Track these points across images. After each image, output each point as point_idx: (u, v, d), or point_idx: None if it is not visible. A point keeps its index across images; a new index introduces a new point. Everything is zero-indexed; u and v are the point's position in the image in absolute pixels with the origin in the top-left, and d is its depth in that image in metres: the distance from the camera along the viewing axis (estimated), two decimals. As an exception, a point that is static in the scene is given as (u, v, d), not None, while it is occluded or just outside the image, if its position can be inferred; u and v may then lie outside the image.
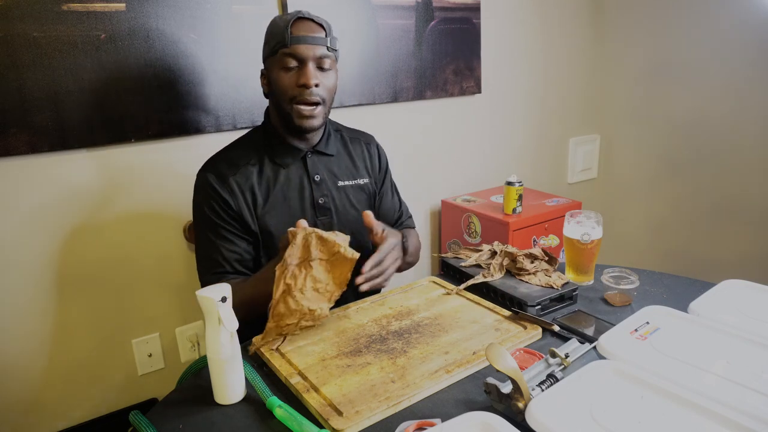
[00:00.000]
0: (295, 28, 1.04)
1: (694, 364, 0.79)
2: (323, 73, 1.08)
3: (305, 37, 1.04)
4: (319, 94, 1.07)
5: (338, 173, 1.21)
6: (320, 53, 1.06)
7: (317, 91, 1.06)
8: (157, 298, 1.55)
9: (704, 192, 2.27)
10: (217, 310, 0.77)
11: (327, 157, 1.20)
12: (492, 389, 0.74)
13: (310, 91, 1.05)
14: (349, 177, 1.22)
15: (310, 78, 1.04)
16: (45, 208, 1.35)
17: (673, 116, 2.30)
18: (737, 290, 1.03)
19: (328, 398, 0.78)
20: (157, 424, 0.75)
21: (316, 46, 1.05)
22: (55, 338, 1.42)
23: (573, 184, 2.56)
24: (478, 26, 2.01)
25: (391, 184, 1.34)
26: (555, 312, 1.04)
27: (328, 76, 1.09)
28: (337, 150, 1.22)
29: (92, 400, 1.50)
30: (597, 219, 1.14)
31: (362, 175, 1.25)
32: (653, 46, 2.31)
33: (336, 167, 1.21)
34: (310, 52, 1.05)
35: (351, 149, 1.25)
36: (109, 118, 1.37)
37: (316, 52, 1.05)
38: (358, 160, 1.25)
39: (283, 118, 1.12)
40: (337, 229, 1.19)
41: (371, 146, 1.30)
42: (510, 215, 1.83)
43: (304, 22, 1.06)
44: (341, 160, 1.23)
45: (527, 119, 2.32)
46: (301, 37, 1.04)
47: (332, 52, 1.08)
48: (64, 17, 1.27)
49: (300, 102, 1.07)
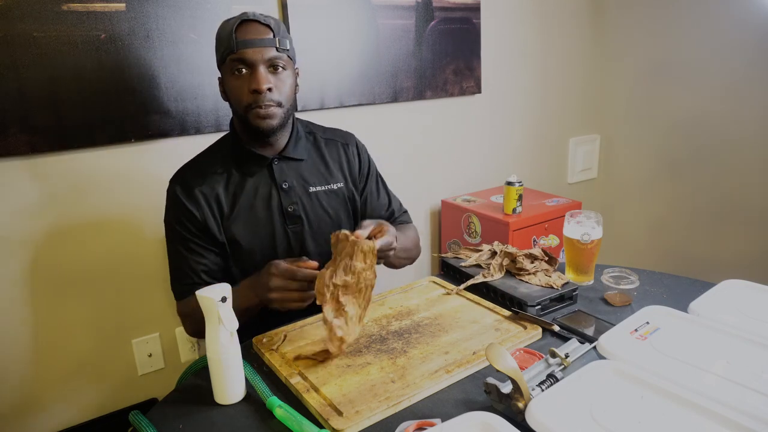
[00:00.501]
0: (240, 32, 1.00)
1: (694, 364, 0.79)
2: (277, 75, 1.03)
3: (252, 41, 0.99)
4: (273, 99, 1.02)
5: (309, 178, 1.15)
6: (270, 55, 1.00)
7: (271, 96, 1.01)
8: (157, 298, 1.55)
9: (704, 192, 2.27)
10: (217, 310, 0.77)
11: (296, 162, 1.14)
12: (492, 389, 0.74)
13: (263, 96, 1.00)
14: (321, 182, 1.16)
15: (261, 83, 0.99)
16: (45, 208, 1.35)
17: (673, 116, 2.30)
18: (737, 290, 1.03)
19: (328, 398, 0.78)
20: (157, 424, 0.75)
21: (265, 48, 1.00)
22: (55, 338, 1.42)
23: (573, 184, 2.56)
24: (478, 26, 2.01)
25: (377, 182, 1.28)
26: (555, 312, 1.04)
27: (283, 77, 1.03)
28: (307, 154, 1.17)
29: (92, 400, 1.50)
30: (597, 219, 1.14)
31: (336, 179, 1.18)
32: (653, 46, 2.31)
33: (306, 172, 1.15)
34: (258, 55, 0.99)
35: (324, 152, 1.19)
36: (109, 118, 1.37)
37: (264, 55, 1.00)
38: (332, 164, 1.19)
39: (242, 124, 1.08)
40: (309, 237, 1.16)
41: (349, 147, 1.23)
42: (510, 215, 1.83)
43: (249, 25, 1.01)
44: (312, 165, 1.17)
45: (527, 119, 2.32)
46: (248, 41, 0.99)
47: (283, 52, 1.03)
48: (64, 17, 1.27)
49: (255, 108, 1.02)
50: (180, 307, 1.11)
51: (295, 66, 1.09)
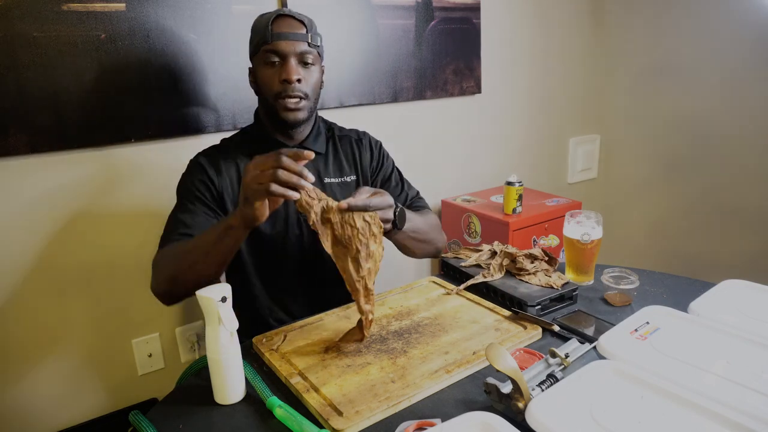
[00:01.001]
0: (275, 25, 1.06)
1: (694, 364, 0.79)
2: (306, 69, 1.08)
3: (286, 34, 1.06)
4: (301, 90, 1.07)
5: (324, 171, 1.20)
6: (301, 49, 1.07)
7: (300, 87, 1.07)
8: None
9: (704, 192, 2.27)
10: (217, 310, 0.77)
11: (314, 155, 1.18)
12: (492, 389, 0.74)
13: (293, 86, 1.06)
14: (335, 174, 1.21)
15: (291, 73, 1.05)
16: (45, 208, 1.35)
17: (673, 116, 2.30)
18: (737, 290, 1.03)
19: (328, 398, 0.78)
20: (157, 424, 0.75)
21: (297, 42, 1.06)
22: (55, 338, 1.42)
23: (573, 184, 2.56)
24: (478, 26, 2.01)
25: (392, 173, 1.30)
26: (555, 312, 1.04)
27: (311, 71, 1.09)
28: (325, 148, 1.22)
29: (92, 400, 1.50)
30: (597, 219, 1.14)
31: (349, 173, 1.23)
32: (653, 46, 2.31)
33: (322, 165, 1.21)
34: (291, 47, 1.06)
35: (339, 147, 1.24)
36: (109, 118, 1.37)
37: (297, 48, 1.06)
38: (345, 158, 1.24)
39: (269, 114, 1.12)
40: None
41: (362, 141, 1.27)
42: (510, 215, 1.83)
43: (285, 19, 1.07)
44: (328, 159, 1.22)
45: (527, 119, 2.31)
46: (282, 33, 1.05)
47: (314, 48, 1.09)
48: (64, 17, 1.27)
49: (284, 97, 1.07)
50: (157, 255, 1.05)
51: (322, 63, 1.15)
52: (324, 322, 1.02)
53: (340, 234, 0.88)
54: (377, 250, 0.90)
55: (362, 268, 0.89)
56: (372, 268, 0.90)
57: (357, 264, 0.88)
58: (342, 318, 1.03)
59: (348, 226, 0.88)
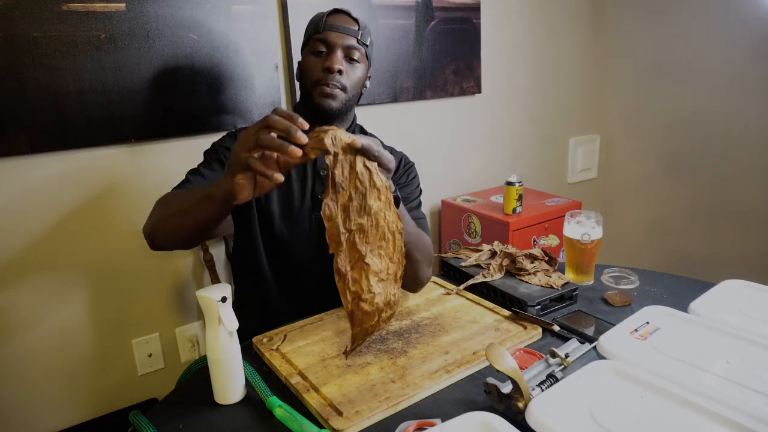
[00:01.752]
0: (330, 18, 1.09)
1: (694, 364, 0.79)
2: (351, 64, 1.10)
3: (337, 26, 1.08)
4: (341, 81, 1.08)
5: None
6: (349, 43, 1.08)
7: (341, 78, 1.08)
8: (157, 298, 1.55)
9: (704, 192, 2.27)
10: (217, 310, 0.77)
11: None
12: (492, 389, 0.74)
13: (333, 76, 1.07)
14: None
15: (334, 62, 1.06)
16: (45, 208, 1.35)
17: (673, 116, 2.30)
18: (737, 290, 1.03)
19: (328, 398, 0.78)
20: (157, 424, 0.75)
21: (347, 36, 1.08)
22: (55, 338, 1.42)
23: (573, 184, 2.56)
24: (478, 26, 2.01)
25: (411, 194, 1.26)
26: (555, 312, 1.04)
27: (355, 68, 1.11)
28: None
29: (92, 400, 1.50)
30: (597, 219, 1.14)
31: None
32: (653, 45, 2.31)
33: None
34: (340, 40, 1.08)
35: None
36: (109, 118, 1.37)
37: (345, 41, 1.08)
38: None
39: (306, 102, 1.14)
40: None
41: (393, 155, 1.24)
42: (510, 215, 1.83)
43: (340, 15, 1.11)
44: None
45: (527, 119, 2.31)
46: (334, 26, 1.08)
47: (362, 46, 1.10)
48: (64, 17, 1.27)
49: (323, 84, 1.08)
50: (160, 198, 1.02)
51: (369, 67, 1.16)
52: (324, 322, 1.02)
53: (339, 175, 0.74)
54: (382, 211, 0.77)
55: (351, 220, 0.74)
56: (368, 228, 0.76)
57: (346, 214, 0.74)
58: (342, 318, 1.03)
59: (348, 166, 0.75)
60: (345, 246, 0.75)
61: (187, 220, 0.90)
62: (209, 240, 1.57)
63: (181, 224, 0.91)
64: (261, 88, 1.56)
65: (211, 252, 1.56)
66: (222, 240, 1.58)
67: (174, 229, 0.93)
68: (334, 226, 0.74)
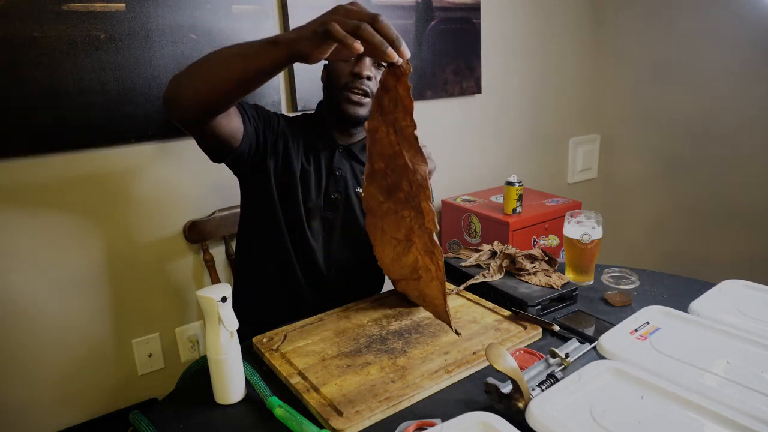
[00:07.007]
0: None
1: (694, 364, 0.79)
2: (379, 71, 1.11)
3: None
4: (369, 87, 1.10)
5: (360, 180, 1.21)
6: None
7: (368, 84, 1.09)
8: (157, 298, 1.55)
9: (704, 192, 2.27)
10: (217, 310, 0.77)
11: (358, 163, 1.21)
12: (492, 389, 0.73)
13: (361, 81, 1.09)
14: None
15: (363, 68, 1.08)
16: (44, 208, 1.35)
17: (673, 116, 2.31)
18: (737, 290, 1.03)
19: (328, 398, 0.78)
20: (157, 424, 0.75)
21: None
22: (55, 338, 1.42)
23: (573, 184, 2.56)
24: (478, 26, 2.01)
25: None
26: (555, 312, 1.04)
27: (380, 71, 1.11)
28: None
29: (92, 400, 1.50)
30: (597, 219, 1.14)
31: None
32: (653, 46, 2.31)
33: (360, 174, 1.21)
34: None
35: None
36: (109, 118, 1.37)
37: None
38: None
39: (331, 106, 1.15)
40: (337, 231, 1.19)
41: None
42: (510, 215, 1.83)
43: None
44: None
45: (527, 119, 2.32)
46: None
47: None
48: (64, 17, 1.27)
49: (350, 89, 1.10)
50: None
51: None
52: (324, 322, 1.02)
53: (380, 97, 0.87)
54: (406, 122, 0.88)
55: (396, 131, 0.88)
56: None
57: (393, 128, 0.86)
58: (342, 318, 1.03)
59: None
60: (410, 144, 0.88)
61: (233, 65, 0.85)
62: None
63: (220, 73, 0.86)
64: (260, 88, 1.56)
65: (211, 252, 1.56)
66: (222, 240, 1.58)
67: (210, 79, 0.87)
68: (386, 141, 0.91)
